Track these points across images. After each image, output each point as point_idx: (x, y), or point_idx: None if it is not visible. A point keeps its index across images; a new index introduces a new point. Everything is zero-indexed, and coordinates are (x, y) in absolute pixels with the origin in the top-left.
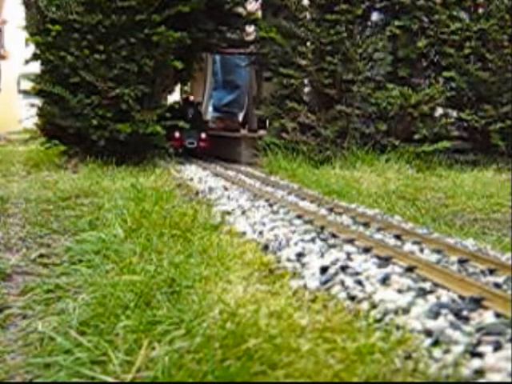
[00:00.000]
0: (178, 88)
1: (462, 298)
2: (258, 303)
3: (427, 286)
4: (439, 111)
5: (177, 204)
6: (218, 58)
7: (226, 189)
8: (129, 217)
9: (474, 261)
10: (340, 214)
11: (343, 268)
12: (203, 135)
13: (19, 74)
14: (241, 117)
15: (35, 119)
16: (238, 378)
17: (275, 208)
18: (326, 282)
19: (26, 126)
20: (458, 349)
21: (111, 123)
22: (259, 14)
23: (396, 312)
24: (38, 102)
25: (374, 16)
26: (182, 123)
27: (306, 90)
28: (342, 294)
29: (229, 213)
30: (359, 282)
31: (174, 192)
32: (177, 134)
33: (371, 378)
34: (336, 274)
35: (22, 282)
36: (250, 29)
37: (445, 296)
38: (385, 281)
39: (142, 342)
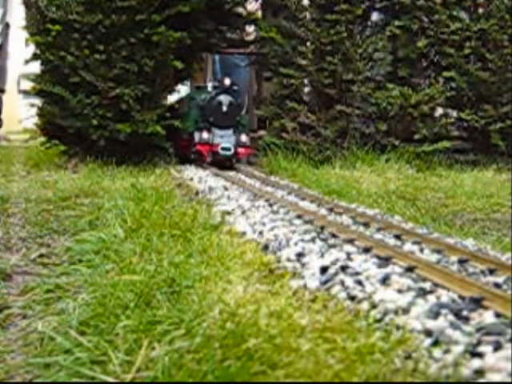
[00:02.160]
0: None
1: (462, 297)
2: (258, 303)
3: (427, 286)
4: (439, 111)
5: (177, 204)
6: (217, 57)
7: (226, 189)
8: (129, 217)
9: (474, 261)
10: (340, 214)
11: (343, 268)
12: (244, 138)
13: (19, 74)
14: None
15: (35, 119)
16: (238, 378)
17: (275, 208)
18: (326, 282)
19: (26, 126)
20: (457, 349)
21: (111, 123)
22: (259, 13)
23: (396, 312)
24: (38, 102)
25: (374, 16)
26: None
27: (306, 90)
28: (342, 294)
29: (229, 213)
30: (359, 282)
31: (174, 192)
32: (204, 135)
33: (371, 378)
34: (336, 273)
35: (22, 282)
36: (250, 29)
37: (445, 296)
38: (385, 281)
39: (142, 341)
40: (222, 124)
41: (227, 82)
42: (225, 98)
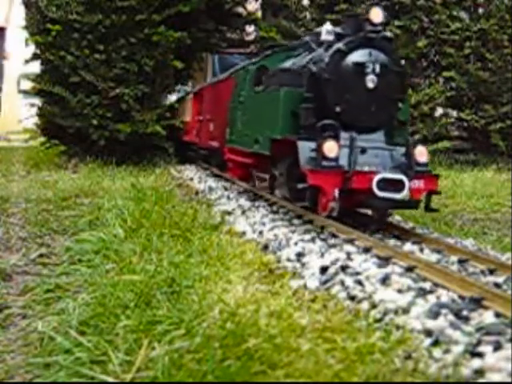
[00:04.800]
0: None
1: (462, 297)
2: (258, 303)
3: (427, 286)
4: (439, 111)
5: (177, 204)
6: (217, 57)
7: (225, 189)
8: (129, 217)
9: (474, 261)
10: None
11: (343, 268)
12: (422, 153)
13: (19, 74)
14: None
15: (35, 119)
16: (238, 377)
17: (275, 208)
18: (325, 282)
19: (26, 125)
20: (457, 349)
21: (111, 123)
22: (259, 13)
23: (396, 312)
24: (38, 101)
25: None
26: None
27: None
28: (342, 294)
29: (229, 213)
30: (359, 282)
31: (174, 192)
32: (330, 150)
33: (371, 378)
34: (336, 273)
35: (22, 282)
36: (250, 29)
37: (445, 296)
38: (385, 281)
39: (142, 341)
40: (365, 121)
41: (377, 16)
42: (370, 57)
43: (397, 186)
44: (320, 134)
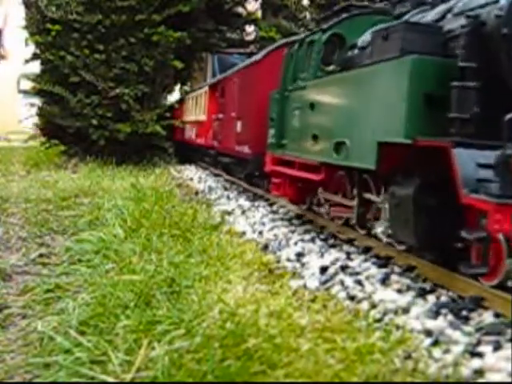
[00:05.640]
0: None
1: (461, 298)
2: (258, 303)
3: (427, 286)
4: None
5: (177, 204)
6: (216, 57)
7: (225, 189)
8: (129, 217)
9: None
10: None
11: (343, 268)
12: None
13: (19, 74)
14: None
15: (35, 119)
16: (238, 377)
17: (275, 208)
18: (325, 282)
19: (26, 125)
20: (457, 349)
21: (111, 123)
22: (259, 13)
23: (396, 312)
24: (38, 101)
25: None
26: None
27: None
28: (342, 294)
29: (229, 213)
30: (359, 282)
31: (174, 192)
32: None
33: (371, 378)
34: (336, 273)
35: (22, 282)
36: (250, 29)
37: (445, 296)
38: (384, 281)
39: (142, 341)
40: None
41: None
42: None
43: None
44: (508, 136)
